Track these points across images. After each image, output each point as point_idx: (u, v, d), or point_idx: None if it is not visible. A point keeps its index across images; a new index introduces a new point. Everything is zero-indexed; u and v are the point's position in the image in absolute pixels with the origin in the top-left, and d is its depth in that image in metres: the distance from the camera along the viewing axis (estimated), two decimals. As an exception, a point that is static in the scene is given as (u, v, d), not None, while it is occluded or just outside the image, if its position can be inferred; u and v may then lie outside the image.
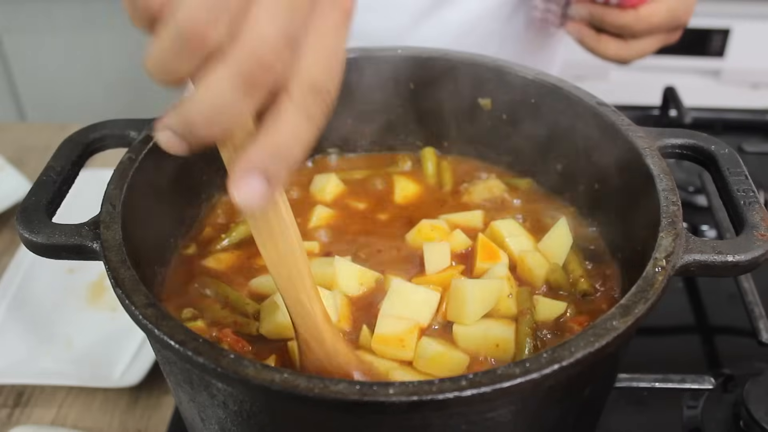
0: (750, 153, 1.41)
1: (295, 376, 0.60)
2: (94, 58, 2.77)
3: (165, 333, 0.64)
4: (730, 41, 2.43)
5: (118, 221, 0.75)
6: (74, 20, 2.67)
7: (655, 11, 1.19)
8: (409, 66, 1.01)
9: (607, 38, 1.23)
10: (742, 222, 0.76)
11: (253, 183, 0.52)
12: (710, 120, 1.49)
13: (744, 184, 0.80)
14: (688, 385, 0.97)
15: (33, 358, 1.11)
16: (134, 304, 0.67)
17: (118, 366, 1.09)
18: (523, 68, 0.96)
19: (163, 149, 0.52)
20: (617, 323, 0.65)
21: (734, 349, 1.08)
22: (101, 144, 0.88)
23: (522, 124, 0.98)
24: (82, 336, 1.15)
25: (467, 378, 0.59)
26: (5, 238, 1.36)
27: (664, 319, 1.12)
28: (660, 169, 0.80)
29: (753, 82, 2.51)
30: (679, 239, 0.72)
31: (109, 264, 0.71)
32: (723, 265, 0.72)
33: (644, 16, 1.19)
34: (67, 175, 0.83)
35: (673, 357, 1.08)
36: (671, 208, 0.75)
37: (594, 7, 1.21)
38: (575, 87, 0.92)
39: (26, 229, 0.75)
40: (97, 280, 1.24)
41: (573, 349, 0.62)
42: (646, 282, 0.68)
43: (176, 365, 0.70)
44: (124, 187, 0.79)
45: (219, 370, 0.61)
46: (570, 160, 0.96)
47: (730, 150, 0.85)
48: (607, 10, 1.20)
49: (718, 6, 2.35)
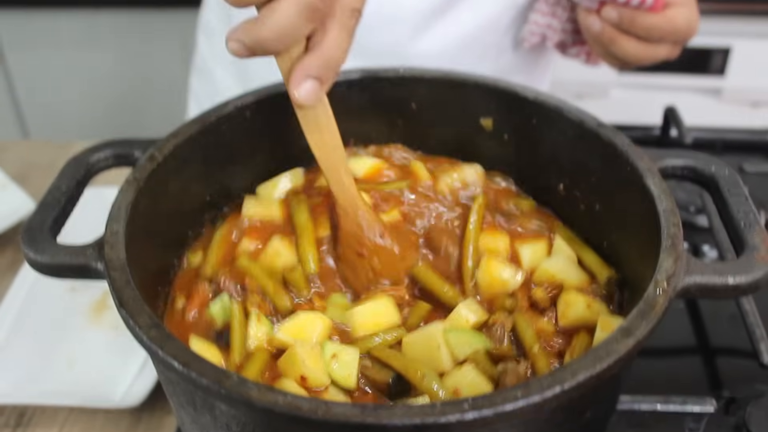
0: (751, 173, 1.42)
1: (298, 398, 0.60)
2: (97, 76, 2.78)
3: (169, 354, 0.64)
4: (730, 60, 2.44)
5: (122, 241, 0.75)
6: (78, 38, 2.69)
7: (678, 14, 1.23)
8: (411, 86, 1.01)
9: (627, 38, 1.26)
10: (743, 244, 0.76)
11: (308, 84, 0.75)
12: (711, 140, 1.49)
13: (744, 206, 0.81)
14: (690, 407, 0.97)
15: (35, 377, 1.11)
16: (138, 324, 0.67)
17: (120, 386, 1.09)
18: (524, 89, 0.96)
19: (230, 53, 0.72)
20: (619, 345, 0.65)
21: (736, 371, 1.08)
22: (105, 164, 0.88)
23: (523, 145, 0.99)
24: (83, 355, 1.15)
25: (469, 401, 0.59)
26: (8, 256, 1.36)
27: (665, 340, 1.12)
28: (660, 190, 0.80)
29: (753, 100, 2.52)
30: (680, 261, 0.72)
31: (114, 284, 0.71)
32: (724, 287, 0.72)
33: (670, 18, 1.23)
34: (72, 194, 0.83)
35: (675, 378, 1.08)
36: (672, 230, 0.76)
37: (623, 10, 1.24)
38: (576, 108, 0.93)
39: (31, 249, 0.76)
40: (100, 298, 1.25)
41: (574, 371, 0.62)
42: (647, 304, 0.69)
43: (179, 386, 0.70)
44: (128, 207, 0.79)
45: (222, 392, 0.61)
46: (571, 181, 0.97)
47: (730, 171, 0.85)
48: (636, 12, 1.23)
49: (718, 25, 2.36)
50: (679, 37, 1.26)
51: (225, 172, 0.98)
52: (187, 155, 0.89)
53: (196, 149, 0.91)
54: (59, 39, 2.69)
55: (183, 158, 0.89)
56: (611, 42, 1.27)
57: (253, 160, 1.00)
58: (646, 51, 1.26)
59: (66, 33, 2.67)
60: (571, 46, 1.44)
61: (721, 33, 2.38)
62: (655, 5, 1.22)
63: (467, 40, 1.44)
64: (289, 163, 1.04)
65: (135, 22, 2.64)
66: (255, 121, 0.96)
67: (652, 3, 1.21)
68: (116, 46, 2.71)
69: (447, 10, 1.40)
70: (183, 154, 0.89)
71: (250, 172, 1.01)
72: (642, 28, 1.23)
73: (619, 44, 1.26)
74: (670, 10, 1.23)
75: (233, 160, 0.98)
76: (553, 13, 1.40)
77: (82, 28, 2.66)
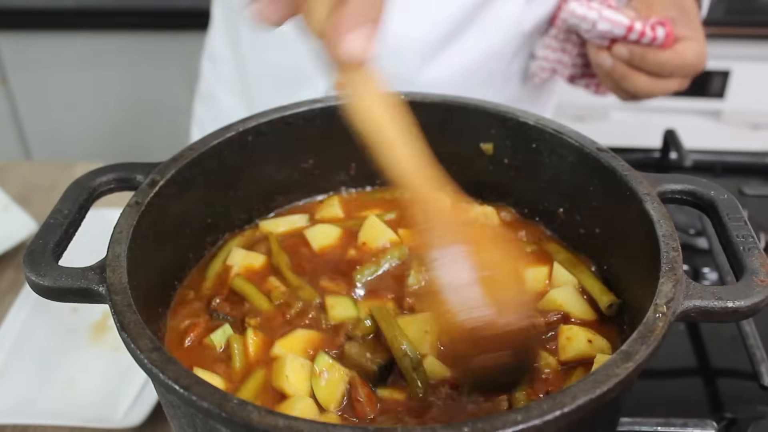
0: (750, 196, 1.42)
1: (299, 421, 0.60)
2: (99, 97, 2.80)
3: (170, 377, 0.64)
4: (730, 82, 2.45)
5: (124, 265, 0.76)
6: (81, 60, 2.70)
7: (687, 49, 1.26)
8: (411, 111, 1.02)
9: (638, 74, 1.28)
10: (742, 268, 0.77)
11: (352, 39, 0.67)
12: (710, 162, 1.50)
13: (743, 230, 0.81)
14: (691, 430, 0.97)
15: (35, 397, 1.12)
16: (140, 348, 0.67)
17: (120, 406, 1.09)
18: (524, 113, 0.97)
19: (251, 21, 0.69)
20: (618, 369, 0.65)
21: (736, 393, 1.08)
22: (108, 188, 0.89)
23: (523, 169, 0.99)
24: (84, 376, 1.15)
25: (468, 425, 0.60)
26: (10, 277, 1.37)
27: (665, 362, 1.12)
28: (660, 215, 0.81)
29: (753, 123, 2.53)
30: (679, 285, 0.73)
31: (115, 308, 0.71)
32: (723, 311, 0.73)
33: (681, 53, 1.26)
34: (74, 218, 0.83)
35: (675, 400, 1.08)
36: (671, 254, 0.76)
37: (634, 47, 1.25)
38: (575, 132, 0.93)
39: (33, 272, 0.76)
40: (100, 319, 1.25)
41: (574, 395, 0.63)
42: (646, 328, 0.69)
43: (180, 409, 0.70)
44: (130, 230, 0.79)
45: (223, 414, 0.62)
46: (571, 205, 0.97)
47: (729, 195, 0.85)
48: (647, 49, 1.25)
49: (718, 48, 2.37)
50: (689, 71, 1.29)
51: (226, 196, 0.98)
52: (188, 179, 0.90)
53: (197, 173, 0.91)
54: (62, 61, 2.70)
55: (185, 182, 0.89)
56: (622, 78, 1.29)
57: (254, 184, 1.01)
58: (657, 85, 1.29)
59: (69, 55, 2.69)
60: (579, 78, 1.46)
61: (720, 56, 2.40)
62: (665, 42, 1.24)
63: (473, 69, 1.46)
64: (290, 188, 1.05)
65: (139, 45, 2.65)
66: (257, 145, 0.97)
67: (663, 40, 1.23)
68: (119, 68, 2.72)
69: (453, 39, 1.42)
70: (185, 177, 0.89)
71: (252, 196, 1.02)
72: (653, 65, 1.26)
73: (630, 80, 1.28)
74: (680, 45, 1.26)
75: (235, 184, 0.98)
76: (563, 49, 1.42)
77: (86, 50, 2.68)
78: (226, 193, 0.98)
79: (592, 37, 1.30)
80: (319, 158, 1.04)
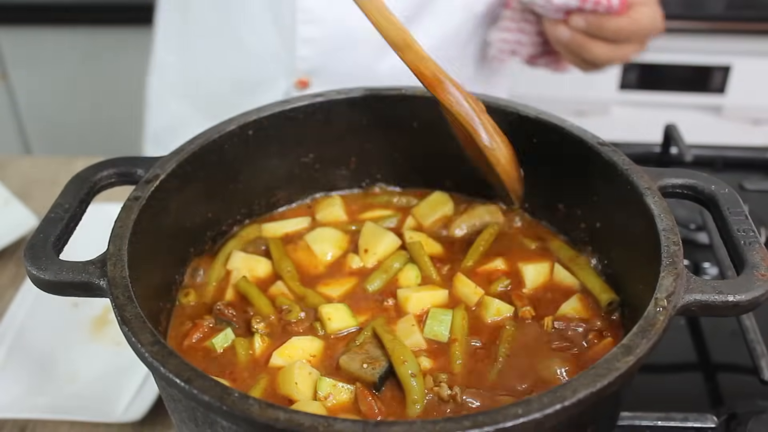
0: (751, 190, 1.42)
1: (299, 414, 0.61)
2: (100, 92, 2.79)
3: (171, 371, 0.64)
4: (730, 78, 2.45)
5: (125, 259, 0.76)
6: (80, 54, 2.70)
7: (641, 14, 1.31)
8: (413, 106, 1.02)
9: (596, 42, 1.32)
10: (743, 262, 0.77)
11: None
12: (711, 157, 1.50)
13: (744, 224, 0.81)
14: (691, 424, 0.97)
15: (36, 391, 1.12)
16: (140, 342, 0.67)
17: (121, 401, 1.09)
18: (525, 107, 0.97)
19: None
20: (619, 363, 0.65)
21: (737, 387, 1.08)
22: (108, 182, 0.89)
23: (524, 163, 0.99)
24: (85, 370, 1.15)
25: (470, 418, 0.60)
26: (10, 271, 1.37)
27: (666, 357, 1.12)
28: (660, 209, 0.81)
29: (754, 118, 2.53)
30: (680, 279, 0.73)
31: (116, 302, 0.72)
32: (724, 305, 0.73)
33: (636, 19, 1.30)
34: (75, 212, 0.83)
35: (676, 394, 1.08)
36: (672, 248, 0.76)
37: (590, 17, 1.30)
38: (576, 126, 0.93)
39: (34, 266, 0.76)
40: (101, 313, 1.25)
41: (575, 388, 0.63)
42: (647, 322, 0.69)
43: (181, 402, 0.70)
44: (131, 225, 0.80)
45: (224, 408, 0.62)
46: (572, 199, 0.97)
47: (730, 190, 0.85)
48: (603, 17, 1.29)
49: (718, 43, 2.38)
50: (646, 35, 1.34)
51: (227, 190, 0.98)
52: (189, 173, 0.90)
53: (198, 167, 0.91)
54: (63, 56, 2.70)
55: (185, 176, 0.89)
56: (581, 48, 1.33)
57: (255, 178, 1.01)
58: (615, 52, 1.33)
59: (69, 50, 2.69)
60: (540, 57, 1.49)
61: (721, 51, 2.40)
62: (620, 9, 1.28)
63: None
64: (291, 182, 1.05)
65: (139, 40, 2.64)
66: (258, 139, 0.97)
67: (618, 7, 1.26)
68: (119, 63, 2.72)
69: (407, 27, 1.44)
70: (185, 172, 0.89)
71: (252, 191, 1.02)
72: (610, 32, 1.30)
73: (589, 49, 1.33)
74: (634, 11, 1.30)
75: (235, 178, 0.98)
76: (521, 29, 1.46)
77: (86, 45, 2.68)
78: (227, 188, 0.98)
79: (547, 11, 1.34)
80: (320, 152, 1.04)
